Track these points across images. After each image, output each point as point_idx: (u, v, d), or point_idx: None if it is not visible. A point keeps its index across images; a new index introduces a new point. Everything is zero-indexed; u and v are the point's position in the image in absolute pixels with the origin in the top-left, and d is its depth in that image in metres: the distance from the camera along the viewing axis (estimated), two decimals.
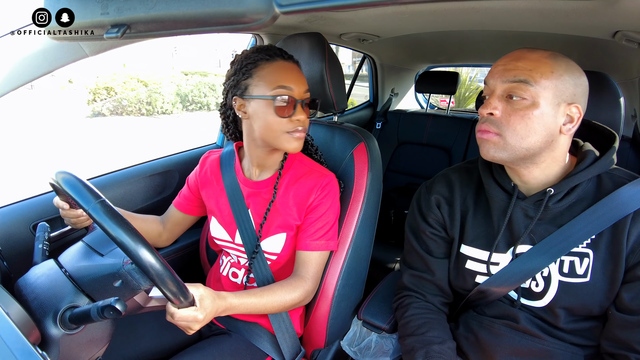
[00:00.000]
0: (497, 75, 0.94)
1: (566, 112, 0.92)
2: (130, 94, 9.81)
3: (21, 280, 0.89)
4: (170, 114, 10.30)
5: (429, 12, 1.49)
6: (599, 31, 1.36)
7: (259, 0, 0.61)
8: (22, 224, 1.27)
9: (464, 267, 1.09)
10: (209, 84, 11.12)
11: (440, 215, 1.12)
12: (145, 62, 12.97)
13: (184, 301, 0.84)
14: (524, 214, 1.00)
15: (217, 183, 1.28)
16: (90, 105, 9.69)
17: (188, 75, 11.49)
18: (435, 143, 2.72)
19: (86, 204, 0.76)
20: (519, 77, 0.90)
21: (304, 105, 1.10)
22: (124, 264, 0.82)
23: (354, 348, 1.29)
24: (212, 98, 10.97)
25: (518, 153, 0.93)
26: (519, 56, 0.93)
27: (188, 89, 10.87)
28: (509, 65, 0.93)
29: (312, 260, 1.17)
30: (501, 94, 0.93)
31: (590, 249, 0.95)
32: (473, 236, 1.08)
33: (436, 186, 1.14)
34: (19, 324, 0.72)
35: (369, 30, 1.93)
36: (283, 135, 1.09)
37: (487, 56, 2.82)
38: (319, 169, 1.21)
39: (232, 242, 1.25)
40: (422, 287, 1.16)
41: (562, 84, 0.90)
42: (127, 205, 1.54)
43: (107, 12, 0.74)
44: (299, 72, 1.12)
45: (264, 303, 1.07)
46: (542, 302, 1.00)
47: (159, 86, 10.28)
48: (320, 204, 1.16)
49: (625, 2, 0.95)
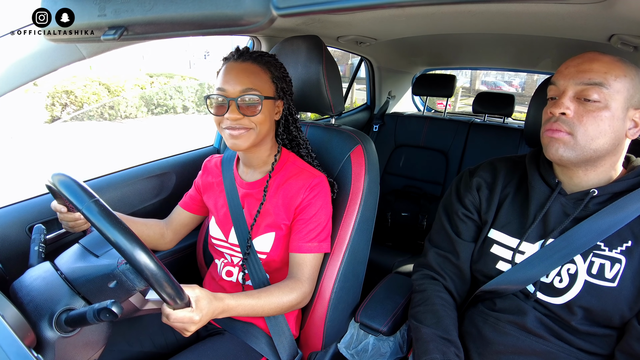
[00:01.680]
0: (569, 76, 0.93)
1: (632, 117, 0.92)
2: (92, 97, 9.37)
3: (17, 283, 0.89)
4: (134, 118, 9.85)
5: (426, 15, 1.50)
6: (594, 34, 1.37)
7: (257, 3, 0.61)
8: (18, 226, 1.26)
9: (489, 251, 1.09)
10: (175, 86, 10.76)
11: (477, 198, 1.13)
12: (113, 63, 12.07)
13: (180, 302, 0.84)
14: (562, 210, 1.00)
15: (217, 185, 1.30)
16: (49, 110, 9.18)
17: (153, 77, 11.01)
18: (432, 146, 2.72)
19: (80, 204, 0.76)
20: (594, 80, 0.90)
21: (238, 104, 1.08)
22: (119, 264, 0.82)
23: (351, 351, 1.29)
24: (178, 100, 10.58)
25: (586, 154, 0.93)
26: (593, 58, 0.92)
27: (153, 91, 10.50)
28: (582, 67, 0.92)
29: (307, 263, 1.17)
30: (573, 95, 0.93)
31: (624, 255, 0.94)
32: (505, 222, 1.08)
33: (480, 171, 1.16)
34: (14, 327, 0.72)
35: (366, 33, 1.94)
36: (223, 133, 1.13)
37: (484, 59, 2.84)
38: (309, 169, 1.22)
39: (226, 241, 1.27)
40: (444, 267, 1.17)
41: (634, 88, 0.90)
42: (125, 207, 1.54)
43: (105, 14, 0.74)
44: (241, 70, 1.10)
45: (261, 305, 1.07)
46: (561, 299, 0.99)
47: (122, 89, 9.88)
48: (310, 204, 1.17)
49: (620, 5, 0.96)
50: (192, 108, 10.82)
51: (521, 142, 2.48)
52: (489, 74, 15.11)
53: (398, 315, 1.28)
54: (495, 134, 2.60)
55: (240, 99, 1.07)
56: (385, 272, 2.25)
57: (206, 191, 1.33)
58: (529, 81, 14.34)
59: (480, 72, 12.70)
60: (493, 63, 3.02)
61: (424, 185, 2.68)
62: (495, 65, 3.14)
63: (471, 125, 2.67)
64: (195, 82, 11.49)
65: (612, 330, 0.97)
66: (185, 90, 10.71)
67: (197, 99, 10.85)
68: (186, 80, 11.41)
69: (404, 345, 1.29)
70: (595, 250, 0.96)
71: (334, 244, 1.25)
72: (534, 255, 1.01)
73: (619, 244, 0.94)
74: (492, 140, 2.58)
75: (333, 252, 1.25)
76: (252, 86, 1.08)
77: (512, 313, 1.04)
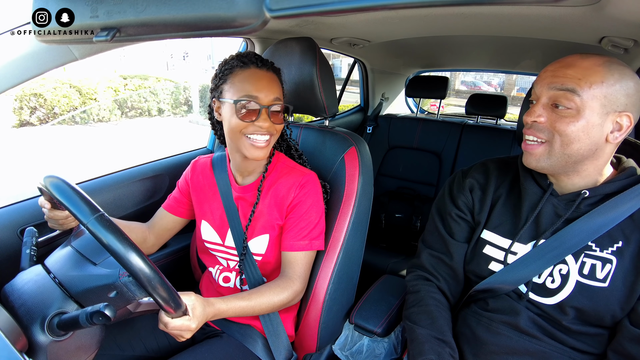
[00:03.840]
0: (544, 81, 0.93)
1: (615, 121, 0.90)
2: (62, 100, 8.88)
3: (8, 286, 0.88)
4: (107, 122, 9.55)
5: (419, 17, 1.51)
6: (585, 37, 1.38)
7: (250, 5, 0.62)
8: (10, 229, 1.25)
9: (482, 252, 1.09)
10: (150, 88, 10.49)
11: (470, 199, 1.14)
12: (87, 64, 11.20)
13: (178, 311, 0.85)
14: (554, 211, 1.01)
15: (210, 187, 1.29)
16: (17, 114, 8.68)
17: (127, 79, 10.53)
18: (425, 147, 2.74)
19: (85, 219, 0.75)
20: (565, 86, 0.89)
21: (269, 112, 1.11)
22: (121, 275, 0.82)
23: (346, 352, 1.29)
24: (153, 103, 10.31)
25: (561, 160, 0.93)
26: (570, 63, 0.91)
27: (127, 94, 10.18)
28: (557, 72, 0.91)
29: (298, 261, 1.17)
30: (546, 102, 0.93)
31: (614, 256, 0.94)
32: (497, 223, 1.09)
33: (473, 172, 1.16)
34: (5, 331, 0.71)
35: (360, 35, 1.94)
36: (243, 140, 1.12)
37: (477, 61, 2.86)
38: (299, 168, 1.23)
39: (222, 244, 1.26)
40: (438, 268, 1.17)
41: (612, 94, 0.88)
42: (117, 210, 1.53)
43: (97, 15, 0.74)
44: (270, 80, 1.13)
45: (252, 305, 1.08)
46: (553, 300, 0.99)
47: (94, 91, 9.47)
48: (300, 202, 1.17)
49: (611, 8, 0.97)
50: (167, 110, 10.56)
51: (514, 143, 2.49)
52: (468, 74, 15.18)
53: (392, 316, 1.28)
54: (488, 136, 2.61)
55: (272, 107, 1.12)
56: (379, 273, 2.24)
57: (197, 193, 1.31)
58: (507, 81, 14.43)
59: (460, 72, 12.74)
60: (486, 65, 3.04)
61: (417, 186, 2.69)
62: (488, 67, 3.16)
63: (464, 126, 2.69)
64: (171, 84, 11.18)
65: (604, 329, 0.98)
66: (160, 93, 10.46)
67: (172, 101, 10.59)
68: (161, 82, 11.11)
69: (398, 346, 1.30)
70: (587, 250, 0.97)
71: (328, 245, 1.25)
72: (527, 254, 1.02)
73: (610, 245, 0.95)
74: (484, 142, 2.59)
75: (327, 254, 1.25)
76: (279, 95, 1.14)
77: (505, 313, 1.05)
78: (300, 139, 1.44)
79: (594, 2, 0.93)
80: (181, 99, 11.06)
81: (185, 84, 11.12)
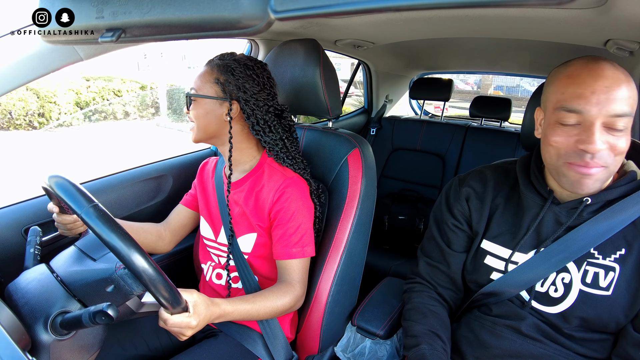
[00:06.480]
0: (599, 104, 0.84)
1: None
2: (18, 104, 8.12)
3: (12, 285, 0.88)
4: (69, 126, 8.94)
5: (423, 19, 1.51)
6: (590, 39, 1.38)
7: (255, 6, 0.62)
8: (14, 228, 1.26)
9: (483, 263, 1.08)
10: (114, 90, 9.81)
11: (467, 209, 1.12)
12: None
13: (177, 307, 0.84)
14: (555, 219, 0.99)
15: (210, 183, 1.31)
16: None
17: (90, 80, 9.86)
18: (429, 149, 2.73)
19: (79, 208, 0.76)
20: (624, 111, 0.84)
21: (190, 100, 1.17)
22: (117, 268, 0.82)
23: (348, 354, 1.29)
24: (118, 106, 9.72)
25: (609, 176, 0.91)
26: (617, 79, 0.84)
27: (90, 96, 9.44)
28: (612, 95, 0.83)
29: (294, 267, 1.16)
30: (600, 126, 0.85)
31: (617, 263, 0.93)
32: (497, 233, 1.07)
33: (470, 180, 1.14)
34: (8, 330, 0.71)
35: (364, 36, 1.94)
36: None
37: (481, 63, 2.85)
38: (282, 171, 1.20)
39: (215, 240, 1.27)
40: (435, 277, 1.17)
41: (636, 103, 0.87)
42: (121, 210, 1.53)
43: (102, 16, 0.74)
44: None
45: (256, 309, 1.07)
46: (557, 309, 0.98)
47: (53, 94, 8.80)
48: (283, 208, 1.15)
49: (617, 10, 0.96)
50: (134, 113, 10.02)
51: (517, 145, 2.49)
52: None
53: (395, 318, 1.28)
54: (492, 138, 2.61)
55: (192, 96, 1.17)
56: (382, 275, 2.23)
57: (200, 189, 1.34)
58: (484, 80, 14.36)
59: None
60: (490, 67, 3.03)
61: (421, 188, 2.69)
62: (492, 69, 3.15)
63: (468, 129, 2.68)
64: (136, 84, 10.48)
65: (608, 335, 0.97)
66: (125, 95, 9.93)
67: (139, 103, 10.16)
68: (126, 84, 10.40)
69: (400, 349, 1.29)
70: (589, 258, 0.96)
71: (331, 247, 1.25)
72: (532, 258, 1.01)
73: (613, 252, 0.94)
74: (488, 144, 2.58)
75: (330, 255, 1.25)
76: (194, 86, 1.17)
77: (509, 318, 1.04)
78: (304, 140, 1.44)
79: (600, 4, 0.92)
80: (148, 102, 10.45)
81: (152, 84, 10.48)
